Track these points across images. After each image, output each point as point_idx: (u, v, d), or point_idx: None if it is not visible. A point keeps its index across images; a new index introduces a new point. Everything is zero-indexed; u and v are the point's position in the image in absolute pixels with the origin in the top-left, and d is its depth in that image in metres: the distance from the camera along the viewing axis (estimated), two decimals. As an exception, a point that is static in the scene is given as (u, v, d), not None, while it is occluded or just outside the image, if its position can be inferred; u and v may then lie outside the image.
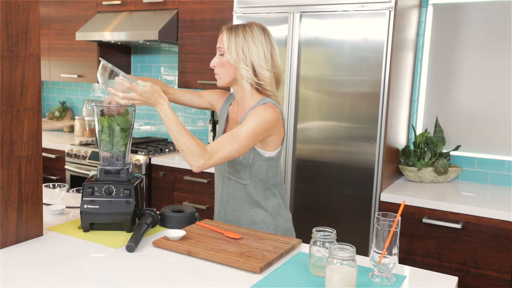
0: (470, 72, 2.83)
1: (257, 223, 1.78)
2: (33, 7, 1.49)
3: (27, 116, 1.50)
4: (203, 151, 1.57)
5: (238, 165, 1.74)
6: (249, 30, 1.70)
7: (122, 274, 1.33)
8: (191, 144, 1.56)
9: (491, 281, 2.27)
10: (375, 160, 2.51)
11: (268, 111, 1.67)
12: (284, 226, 1.83)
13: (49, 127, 4.39)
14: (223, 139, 1.61)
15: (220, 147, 1.60)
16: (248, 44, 1.69)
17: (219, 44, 1.74)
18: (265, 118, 1.66)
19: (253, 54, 1.69)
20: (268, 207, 1.80)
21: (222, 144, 1.60)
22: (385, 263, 1.31)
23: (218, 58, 1.74)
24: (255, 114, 1.65)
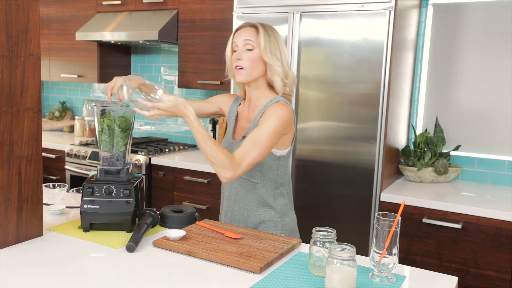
0: (470, 72, 2.83)
1: (264, 222, 1.78)
2: (33, 7, 1.49)
3: (27, 116, 1.50)
4: (231, 162, 1.57)
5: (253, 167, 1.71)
6: (276, 31, 1.75)
7: (122, 274, 1.33)
8: (220, 156, 1.56)
9: (491, 281, 2.27)
10: (375, 160, 2.51)
11: (283, 110, 1.67)
12: (290, 226, 1.83)
13: (49, 127, 4.39)
14: (246, 147, 1.61)
15: (245, 155, 1.60)
16: (279, 44, 1.73)
17: (248, 37, 1.70)
18: (282, 117, 1.66)
19: (282, 53, 1.73)
20: (276, 206, 1.80)
21: (246, 151, 1.60)
22: (385, 263, 1.31)
23: (247, 53, 1.70)
24: (272, 115, 1.65)
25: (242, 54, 1.70)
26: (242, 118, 1.84)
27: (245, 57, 1.70)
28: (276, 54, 1.71)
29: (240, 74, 1.71)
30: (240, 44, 1.71)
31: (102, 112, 1.66)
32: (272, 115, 1.65)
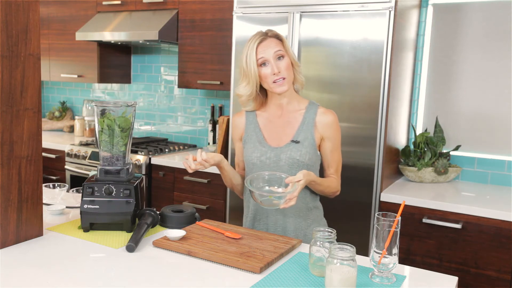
0: (470, 72, 2.83)
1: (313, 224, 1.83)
2: (33, 7, 1.49)
3: (27, 116, 1.50)
4: (337, 181, 1.87)
5: (304, 166, 1.76)
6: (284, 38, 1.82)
7: (122, 274, 1.33)
8: (335, 186, 1.85)
9: (491, 281, 2.27)
10: (375, 160, 2.51)
11: (335, 116, 1.84)
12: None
13: (49, 127, 4.39)
14: (336, 162, 1.85)
15: (338, 169, 1.87)
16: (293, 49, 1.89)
17: (277, 48, 1.73)
18: (338, 122, 1.85)
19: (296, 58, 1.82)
20: (320, 205, 1.91)
21: (338, 165, 1.86)
22: (385, 263, 1.31)
23: (280, 63, 1.73)
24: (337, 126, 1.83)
25: (278, 66, 1.73)
26: (273, 123, 1.84)
27: (281, 67, 1.73)
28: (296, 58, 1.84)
29: (283, 85, 1.74)
30: (270, 57, 1.72)
31: (102, 112, 1.66)
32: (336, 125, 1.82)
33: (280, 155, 1.77)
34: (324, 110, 1.82)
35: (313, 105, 1.84)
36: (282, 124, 1.82)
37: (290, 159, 1.75)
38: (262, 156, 1.79)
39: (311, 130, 1.78)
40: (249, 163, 1.83)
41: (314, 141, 1.78)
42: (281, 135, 1.81)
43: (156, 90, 4.04)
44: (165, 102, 3.99)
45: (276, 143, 1.80)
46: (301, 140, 1.77)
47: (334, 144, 1.82)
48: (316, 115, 1.80)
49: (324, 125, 1.79)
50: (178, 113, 3.92)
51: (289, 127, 1.81)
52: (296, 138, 1.78)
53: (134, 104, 1.69)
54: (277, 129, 1.82)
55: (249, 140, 1.85)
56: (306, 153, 1.76)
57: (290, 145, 1.77)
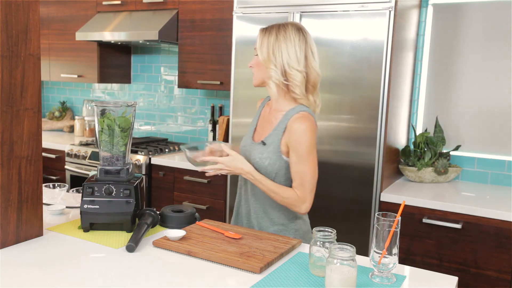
0: (470, 72, 2.83)
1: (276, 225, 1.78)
2: (33, 7, 1.49)
3: (27, 116, 1.50)
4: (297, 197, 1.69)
5: (262, 169, 1.74)
6: (283, 29, 1.71)
7: (122, 274, 1.33)
8: (287, 194, 1.69)
9: (491, 281, 2.27)
10: (375, 160, 2.51)
11: (307, 124, 1.68)
12: (303, 229, 1.83)
13: (49, 127, 4.38)
14: (299, 175, 1.69)
15: (303, 184, 1.69)
16: (279, 44, 1.69)
17: (255, 45, 1.78)
18: (311, 131, 1.69)
19: (283, 54, 1.68)
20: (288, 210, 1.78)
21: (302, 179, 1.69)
22: (385, 263, 1.31)
23: (254, 58, 1.78)
24: (302, 134, 1.67)
25: (253, 61, 1.78)
26: (263, 118, 1.87)
27: (253, 63, 1.78)
28: (273, 56, 1.69)
29: (253, 79, 1.80)
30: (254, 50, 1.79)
31: (102, 112, 1.66)
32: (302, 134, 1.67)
33: (251, 152, 1.79)
34: (297, 117, 1.69)
35: (295, 110, 1.72)
36: (266, 121, 1.83)
37: (253, 160, 1.75)
38: (243, 147, 1.85)
39: (279, 135, 1.72)
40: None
41: (278, 147, 1.71)
42: (262, 131, 1.82)
43: (156, 90, 4.04)
44: (165, 102, 3.99)
45: (257, 139, 1.83)
46: (268, 143, 1.74)
47: (297, 156, 1.69)
48: (289, 120, 1.70)
49: (289, 132, 1.69)
50: (178, 113, 3.92)
51: (268, 126, 1.80)
52: (265, 139, 1.75)
53: (134, 104, 1.69)
54: (263, 125, 1.84)
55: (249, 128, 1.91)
56: (266, 158, 1.72)
57: (258, 145, 1.77)
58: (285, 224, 1.78)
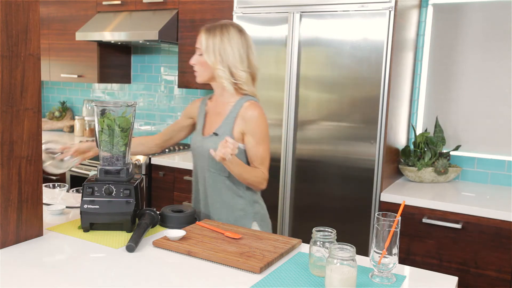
0: (470, 72, 2.83)
1: (236, 211, 1.88)
2: (33, 7, 1.49)
3: (27, 116, 1.50)
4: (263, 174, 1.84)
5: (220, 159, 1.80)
6: (226, 31, 1.81)
7: (122, 274, 1.33)
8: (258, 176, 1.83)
9: (491, 281, 2.27)
10: (375, 160, 2.51)
11: (259, 111, 1.84)
12: (261, 213, 1.94)
13: (49, 127, 4.38)
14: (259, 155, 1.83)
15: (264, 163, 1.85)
16: (224, 46, 1.80)
17: (198, 45, 1.85)
18: (264, 116, 1.85)
19: (229, 56, 1.80)
20: (246, 196, 1.90)
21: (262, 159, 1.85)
22: (385, 263, 1.31)
23: (198, 57, 1.85)
24: (258, 120, 1.82)
25: (194, 58, 1.87)
26: (210, 113, 1.95)
27: (197, 61, 1.86)
28: (220, 57, 1.80)
29: (196, 76, 1.89)
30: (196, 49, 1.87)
31: (102, 112, 1.66)
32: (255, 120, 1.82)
33: (204, 145, 1.88)
34: (248, 104, 1.83)
35: (243, 99, 1.86)
36: (214, 114, 1.93)
37: (208, 151, 1.83)
38: (194, 144, 1.94)
39: (231, 124, 1.83)
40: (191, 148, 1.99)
41: (231, 135, 1.83)
42: (211, 125, 1.92)
43: (156, 90, 4.04)
44: (165, 102, 3.99)
45: (207, 133, 1.92)
46: (220, 134, 1.84)
47: (256, 139, 1.83)
48: (240, 109, 1.83)
49: (244, 119, 1.82)
50: (178, 113, 3.92)
51: (218, 118, 1.90)
52: (217, 130, 1.86)
53: (134, 104, 1.70)
54: (211, 119, 1.93)
55: (196, 127, 2.00)
56: None
57: (211, 137, 1.87)
58: (245, 209, 1.88)
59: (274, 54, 2.74)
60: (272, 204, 2.80)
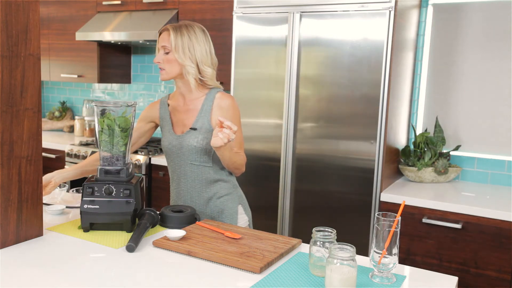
0: (470, 72, 2.83)
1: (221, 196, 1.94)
2: (33, 7, 1.49)
3: (27, 116, 1.50)
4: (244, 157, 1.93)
5: (202, 151, 1.89)
6: (192, 30, 1.89)
7: (122, 274, 1.33)
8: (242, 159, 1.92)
9: (491, 281, 2.27)
10: (375, 160, 2.51)
11: (232, 99, 1.93)
12: (243, 197, 2.05)
13: (49, 127, 4.39)
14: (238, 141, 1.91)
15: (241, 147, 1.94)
16: (193, 44, 1.88)
17: (164, 43, 1.89)
18: (236, 103, 1.95)
19: (197, 53, 1.88)
20: (230, 180, 1.98)
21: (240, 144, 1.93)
22: (385, 263, 1.31)
23: (163, 55, 1.90)
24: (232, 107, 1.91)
25: (160, 57, 1.90)
26: (178, 111, 1.98)
27: (164, 60, 1.89)
28: (189, 54, 1.87)
29: (161, 74, 1.92)
30: (160, 47, 1.91)
31: (102, 112, 1.66)
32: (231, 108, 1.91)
33: (182, 142, 1.92)
34: (220, 95, 1.92)
35: (212, 91, 1.94)
36: (185, 111, 1.96)
37: (189, 146, 1.90)
38: (169, 144, 1.96)
39: (207, 116, 1.90)
40: (163, 150, 2.01)
41: (210, 126, 1.89)
42: (184, 122, 1.95)
43: (156, 90, 4.03)
44: (165, 102, 3.99)
45: (180, 131, 1.96)
46: (199, 127, 1.90)
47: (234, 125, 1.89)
48: (214, 100, 1.91)
49: (220, 108, 1.90)
50: (178, 113, 3.92)
51: (190, 114, 1.94)
52: (194, 125, 1.91)
53: (134, 104, 1.70)
54: (181, 117, 1.96)
55: (163, 129, 2.02)
56: (202, 139, 1.88)
57: (189, 133, 1.91)
58: (231, 193, 1.96)
59: (274, 54, 2.74)
60: (272, 204, 2.80)
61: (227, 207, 1.94)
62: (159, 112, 2.04)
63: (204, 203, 1.95)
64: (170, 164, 2.01)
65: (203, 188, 1.94)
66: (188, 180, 1.95)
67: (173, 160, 1.98)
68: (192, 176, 1.94)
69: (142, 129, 2.08)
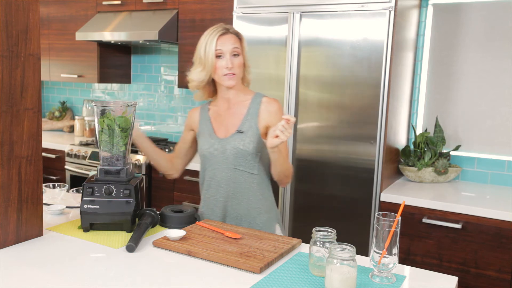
0: (470, 72, 2.83)
1: (262, 214, 1.86)
2: (33, 7, 1.49)
3: (27, 116, 1.50)
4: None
5: (249, 155, 1.82)
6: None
7: (122, 274, 1.33)
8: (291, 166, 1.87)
9: (491, 281, 2.27)
10: (375, 160, 2.51)
11: (279, 103, 1.89)
12: (278, 213, 1.97)
13: (49, 127, 4.39)
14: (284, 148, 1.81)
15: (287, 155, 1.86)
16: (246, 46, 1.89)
17: (235, 45, 1.82)
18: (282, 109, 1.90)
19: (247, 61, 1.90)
20: (270, 197, 1.91)
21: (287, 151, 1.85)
22: (385, 263, 1.31)
23: (235, 59, 1.82)
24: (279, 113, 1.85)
25: (234, 61, 1.82)
26: (220, 115, 1.92)
27: (235, 64, 1.82)
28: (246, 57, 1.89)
29: (232, 79, 1.83)
30: (227, 52, 1.81)
31: (102, 112, 1.66)
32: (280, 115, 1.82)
33: (226, 145, 1.85)
34: (268, 99, 1.88)
35: (258, 96, 1.90)
36: (229, 115, 1.90)
37: (234, 149, 1.83)
38: (210, 148, 1.87)
39: (255, 120, 1.84)
40: (201, 156, 1.93)
41: (257, 129, 1.83)
42: (228, 126, 1.89)
43: (156, 90, 4.04)
44: (165, 102, 3.99)
45: (223, 134, 1.89)
46: (245, 130, 1.84)
47: None
48: (260, 104, 1.86)
49: (268, 113, 1.85)
50: (178, 113, 3.92)
51: (235, 118, 1.88)
52: (240, 128, 1.85)
53: (134, 104, 1.70)
54: (225, 121, 1.90)
55: (202, 134, 1.94)
56: (250, 142, 1.82)
57: (235, 135, 1.84)
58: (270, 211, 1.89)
59: (274, 54, 2.74)
60: (272, 204, 2.80)
61: (266, 226, 1.86)
62: (199, 116, 1.97)
63: (242, 214, 1.85)
64: (208, 170, 1.91)
65: (244, 198, 1.85)
66: (229, 186, 1.86)
67: (213, 165, 1.88)
68: (235, 182, 1.85)
69: (185, 138, 2.03)
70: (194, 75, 1.89)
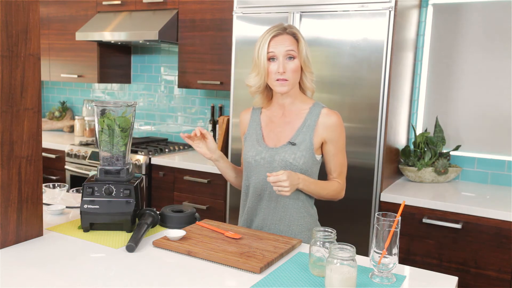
0: (470, 72, 2.83)
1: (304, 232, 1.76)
2: (33, 7, 1.49)
3: (27, 116, 1.50)
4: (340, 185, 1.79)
5: (297, 170, 1.70)
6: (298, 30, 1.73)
7: (122, 274, 1.33)
8: (335, 188, 1.77)
9: (491, 281, 2.27)
10: (375, 160, 2.51)
11: (340, 117, 1.76)
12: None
13: (49, 127, 4.39)
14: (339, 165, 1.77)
15: (342, 172, 1.79)
16: (307, 48, 1.72)
17: (289, 47, 1.67)
18: (342, 123, 1.78)
19: (309, 56, 1.73)
20: (313, 213, 1.82)
21: (341, 168, 1.79)
22: (385, 263, 1.31)
23: (289, 64, 1.67)
24: (341, 127, 1.75)
25: (285, 66, 1.67)
26: (273, 122, 1.79)
27: (288, 69, 1.67)
28: (307, 61, 1.72)
29: (284, 85, 1.68)
30: (280, 54, 1.67)
31: (102, 112, 1.66)
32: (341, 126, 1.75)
33: (275, 156, 1.72)
34: (327, 112, 1.74)
35: (317, 106, 1.75)
36: (282, 124, 1.77)
37: (283, 161, 1.70)
38: (257, 156, 1.75)
39: (310, 133, 1.72)
40: (245, 161, 1.79)
41: (312, 144, 1.71)
42: (280, 135, 1.76)
43: (156, 90, 4.04)
44: (165, 102, 3.99)
45: (273, 143, 1.76)
46: (298, 143, 1.71)
47: (337, 147, 1.74)
48: (319, 116, 1.72)
49: (326, 127, 1.72)
50: (178, 113, 3.92)
51: (289, 127, 1.75)
52: (293, 140, 1.72)
53: (134, 104, 1.70)
54: (277, 129, 1.78)
55: (249, 138, 1.82)
56: (301, 157, 1.70)
57: (286, 147, 1.72)
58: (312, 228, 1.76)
59: (274, 54, 2.74)
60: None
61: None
62: (250, 118, 1.85)
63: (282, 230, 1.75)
64: (251, 178, 1.78)
65: (287, 214, 1.74)
66: (272, 200, 1.75)
67: (257, 174, 1.75)
68: (278, 196, 1.73)
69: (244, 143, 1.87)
70: (250, 80, 1.73)
